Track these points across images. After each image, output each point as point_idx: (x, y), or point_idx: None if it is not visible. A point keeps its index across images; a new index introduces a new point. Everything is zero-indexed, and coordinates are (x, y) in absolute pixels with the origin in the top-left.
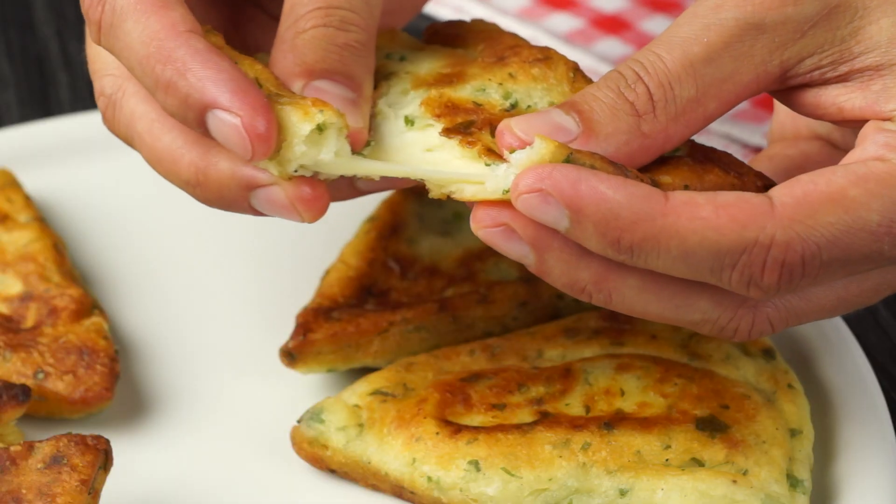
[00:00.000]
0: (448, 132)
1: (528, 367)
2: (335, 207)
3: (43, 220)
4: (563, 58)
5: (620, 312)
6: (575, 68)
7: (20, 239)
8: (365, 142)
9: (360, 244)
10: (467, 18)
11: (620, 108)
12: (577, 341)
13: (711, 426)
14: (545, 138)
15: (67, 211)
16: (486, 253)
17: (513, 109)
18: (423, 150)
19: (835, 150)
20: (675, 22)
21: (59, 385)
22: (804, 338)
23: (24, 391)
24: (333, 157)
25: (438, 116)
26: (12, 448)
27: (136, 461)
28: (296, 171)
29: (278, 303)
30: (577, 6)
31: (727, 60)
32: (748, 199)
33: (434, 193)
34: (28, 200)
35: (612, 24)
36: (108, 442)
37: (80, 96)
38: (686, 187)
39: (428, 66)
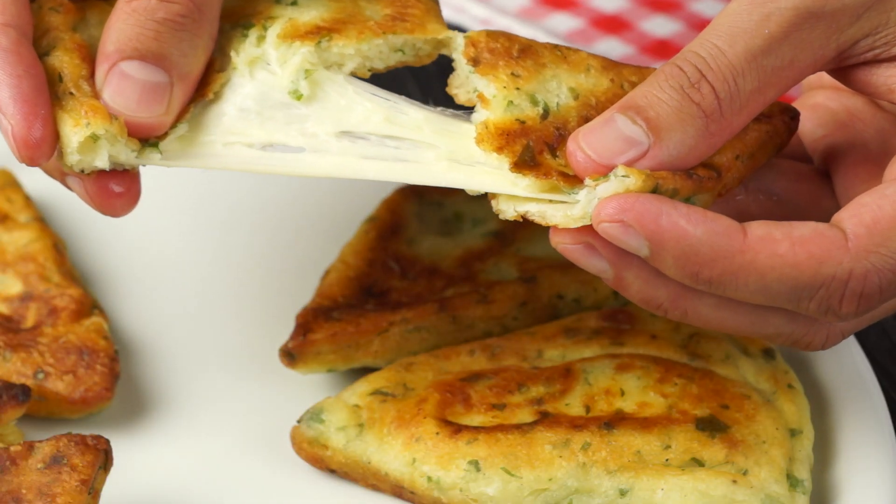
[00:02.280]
0: (518, 168)
1: (528, 367)
2: (335, 207)
3: (43, 220)
4: (538, 42)
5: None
6: (554, 46)
7: (20, 239)
8: (165, 130)
9: (360, 244)
10: (467, 18)
11: (687, 110)
12: (577, 341)
13: (711, 426)
14: (632, 170)
15: (67, 211)
16: (486, 253)
17: (547, 115)
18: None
19: (879, 111)
20: (730, 9)
21: (59, 385)
22: None
23: (24, 391)
24: (110, 163)
25: (500, 149)
26: (12, 448)
27: (136, 461)
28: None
29: (278, 303)
30: (577, 6)
31: (787, 49)
32: (823, 233)
33: (507, 214)
34: (28, 200)
35: (612, 24)
36: (108, 442)
37: None
38: (737, 158)
39: (312, 14)
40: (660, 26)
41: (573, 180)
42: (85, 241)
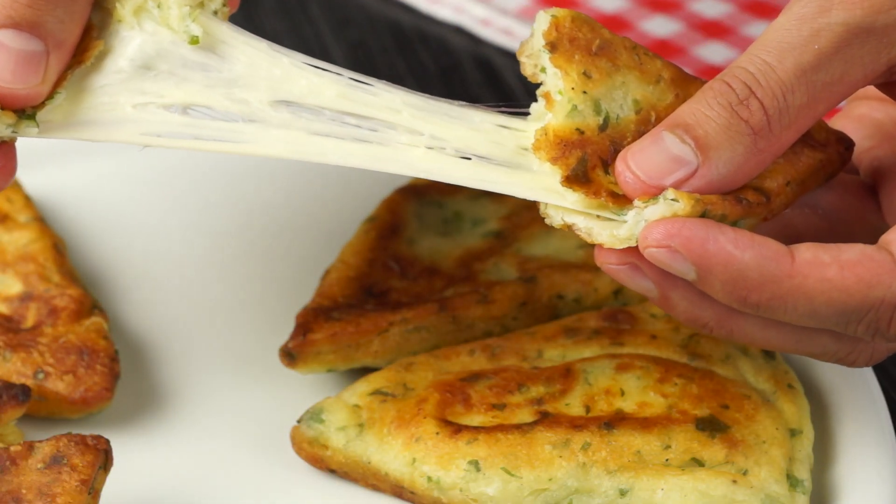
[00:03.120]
0: (569, 182)
1: (528, 367)
2: (335, 207)
3: (43, 220)
4: (619, 38)
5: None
6: (634, 46)
7: (20, 239)
8: (41, 100)
9: (360, 244)
10: (467, 18)
11: (736, 128)
12: (577, 341)
13: (711, 426)
14: (681, 194)
15: (67, 211)
16: (486, 253)
17: (606, 127)
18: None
19: None
20: (778, 24)
21: (59, 385)
22: None
23: (24, 391)
24: None
25: (555, 160)
26: (12, 448)
27: (136, 461)
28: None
29: (278, 303)
30: (576, 6)
31: (837, 64)
32: (871, 257)
33: (554, 221)
34: (28, 200)
35: (612, 25)
36: (108, 442)
37: None
38: (788, 184)
39: None
40: (660, 26)
41: (622, 200)
42: (85, 241)
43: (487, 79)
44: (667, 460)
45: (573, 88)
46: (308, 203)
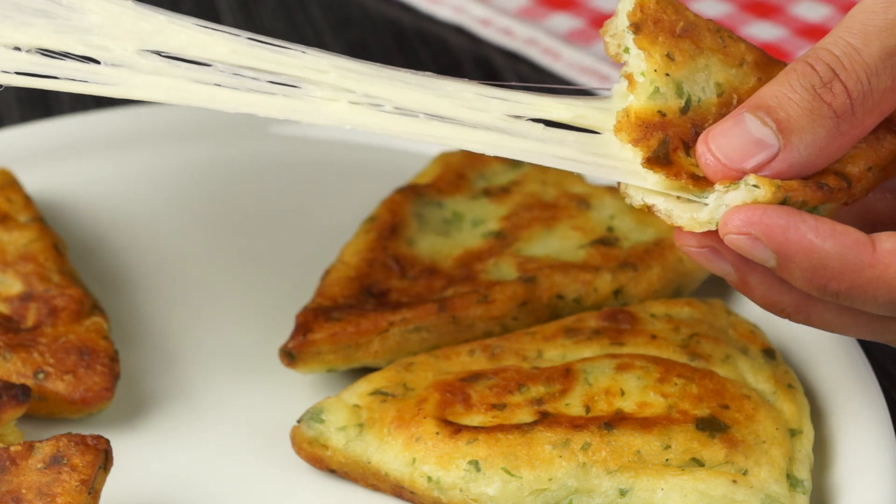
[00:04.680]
0: (650, 164)
1: (528, 367)
2: (335, 207)
3: (43, 220)
4: (704, 20)
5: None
6: (718, 29)
7: (20, 239)
8: None
9: (360, 244)
10: (467, 18)
11: (818, 111)
12: (577, 341)
13: (711, 426)
14: (763, 181)
15: (67, 211)
16: (486, 253)
17: (688, 110)
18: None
19: None
20: (864, 6)
21: (59, 385)
22: (804, 338)
23: (24, 391)
24: None
25: (636, 141)
26: (12, 448)
27: (136, 461)
28: None
29: (278, 303)
30: (577, 6)
31: None
32: None
33: (634, 201)
34: (28, 200)
35: None
36: (108, 442)
37: (80, 96)
38: (870, 169)
39: None
40: None
41: (702, 182)
42: (85, 241)
43: (487, 79)
44: (667, 460)
45: (656, 70)
46: (308, 203)
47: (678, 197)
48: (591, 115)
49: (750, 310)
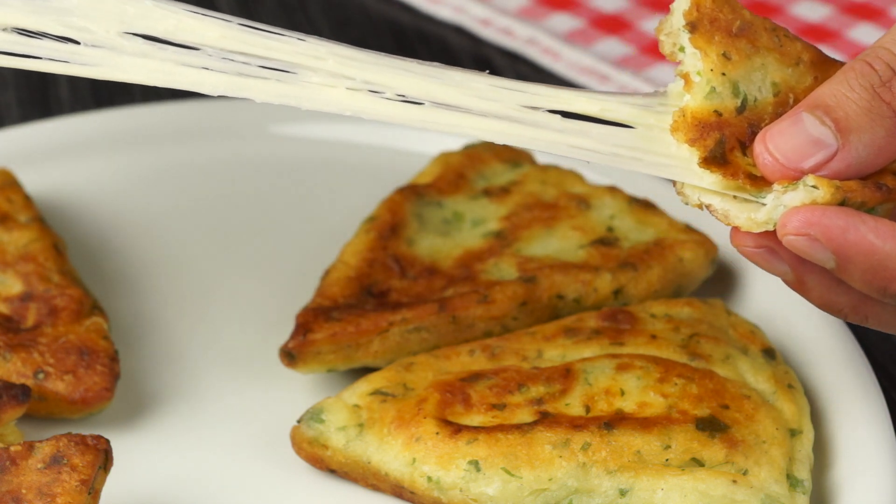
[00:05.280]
0: (707, 164)
1: (528, 367)
2: (335, 207)
3: (43, 220)
4: (760, 19)
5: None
6: (774, 28)
7: (20, 239)
8: None
9: (360, 244)
10: (467, 18)
11: (877, 111)
12: (577, 341)
13: (711, 426)
14: (821, 181)
15: (67, 211)
16: (486, 253)
17: (744, 109)
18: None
19: None
20: None
21: (59, 385)
22: (804, 338)
23: (24, 391)
24: None
25: (693, 141)
26: (12, 448)
27: (136, 461)
28: None
29: (278, 303)
30: (577, 6)
31: None
32: None
33: (690, 201)
34: (28, 200)
35: (612, 24)
36: (108, 442)
37: (80, 96)
38: None
39: None
40: None
41: (760, 182)
42: (85, 241)
43: None
44: (667, 460)
45: (712, 70)
46: (308, 203)
47: (735, 197)
48: (623, 111)
49: (750, 310)
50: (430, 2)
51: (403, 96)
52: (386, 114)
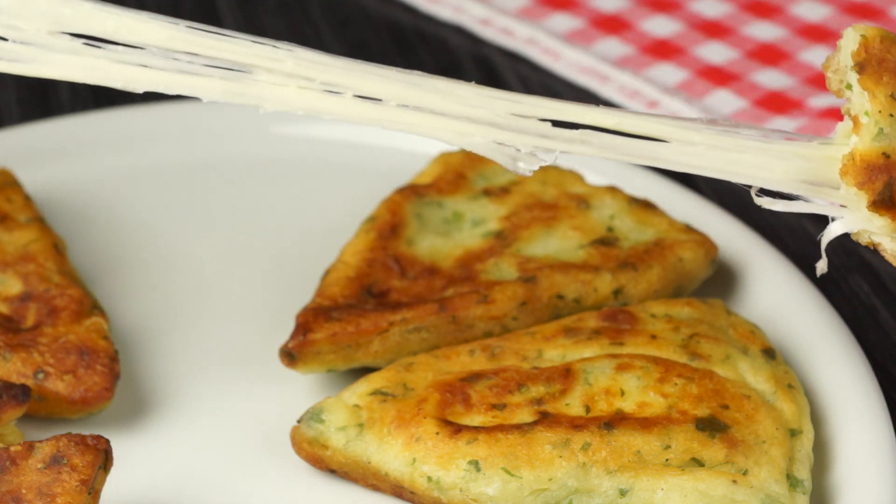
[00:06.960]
0: (876, 207)
1: (528, 367)
2: (335, 207)
3: (43, 220)
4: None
5: None
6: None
7: (20, 239)
8: None
9: (360, 244)
10: (467, 18)
11: None
12: (577, 341)
13: (711, 426)
14: None
15: (67, 211)
16: (486, 253)
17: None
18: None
19: None
20: None
21: (59, 385)
22: (804, 338)
23: (24, 391)
24: None
25: (861, 185)
26: (12, 448)
27: (136, 461)
28: None
29: (278, 303)
30: (577, 6)
31: None
32: None
33: (861, 239)
34: (28, 200)
35: (612, 24)
36: (108, 442)
37: (80, 96)
38: None
39: None
40: (660, 26)
41: None
42: (85, 241)
43: (487, 78)
44: (667, 460)
45: (880, 111)
46: (308, 203)
47: None
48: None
49: (750, 310)
50: (430, 2)
51: (362, 96)
52: (341, 113)
